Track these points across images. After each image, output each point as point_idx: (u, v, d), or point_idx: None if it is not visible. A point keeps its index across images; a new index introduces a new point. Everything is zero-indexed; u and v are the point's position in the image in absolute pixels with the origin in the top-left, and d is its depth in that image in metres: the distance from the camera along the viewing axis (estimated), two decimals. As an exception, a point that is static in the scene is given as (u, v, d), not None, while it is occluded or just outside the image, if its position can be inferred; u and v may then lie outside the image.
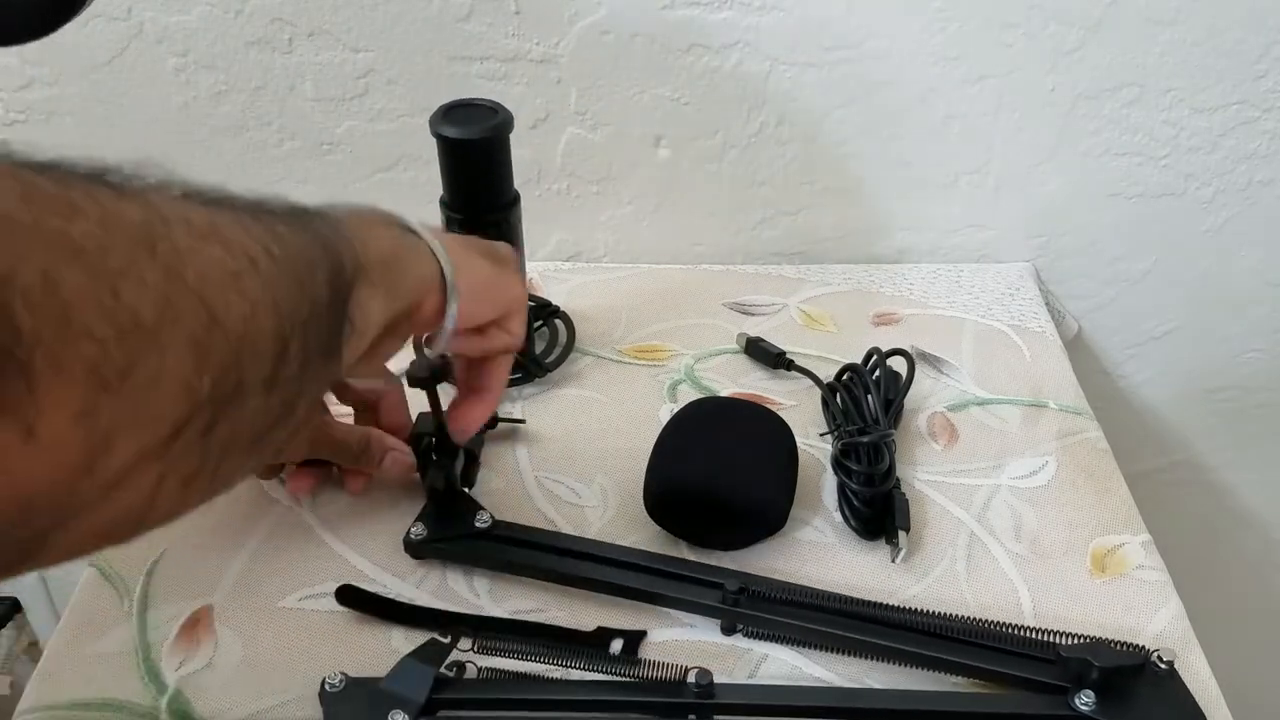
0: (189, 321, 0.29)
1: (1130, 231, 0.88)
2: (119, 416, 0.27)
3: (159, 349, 0.28)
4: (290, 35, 0.77)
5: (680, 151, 0.83)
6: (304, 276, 0.36)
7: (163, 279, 0.29)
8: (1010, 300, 0.85)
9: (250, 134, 0.82)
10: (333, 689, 0.52)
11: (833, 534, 0.64)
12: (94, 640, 0.58)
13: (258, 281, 0.33)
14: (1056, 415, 0.74)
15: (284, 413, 0.35)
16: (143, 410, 0.28)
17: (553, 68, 0.79)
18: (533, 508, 0.65)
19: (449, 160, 0.66)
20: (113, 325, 0.27)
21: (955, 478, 0.68)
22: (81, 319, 0.26)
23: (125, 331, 0.27)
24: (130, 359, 0.27)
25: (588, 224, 0.88)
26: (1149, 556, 0.64)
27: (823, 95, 0.80)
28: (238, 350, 0.31)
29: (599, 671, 0.54)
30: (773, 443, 0.64)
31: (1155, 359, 0.95)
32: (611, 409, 0.73)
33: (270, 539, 0.63)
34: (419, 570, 0.61)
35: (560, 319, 0.79)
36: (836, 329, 0.81)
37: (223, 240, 0.32)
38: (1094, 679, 0.52)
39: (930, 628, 0.56)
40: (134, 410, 0.28)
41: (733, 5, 0.76)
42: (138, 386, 0.27)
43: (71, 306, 0.26)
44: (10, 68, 0.78)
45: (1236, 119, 0.81)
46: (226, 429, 0.31)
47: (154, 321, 0.28)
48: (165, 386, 0.28)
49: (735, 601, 0.57)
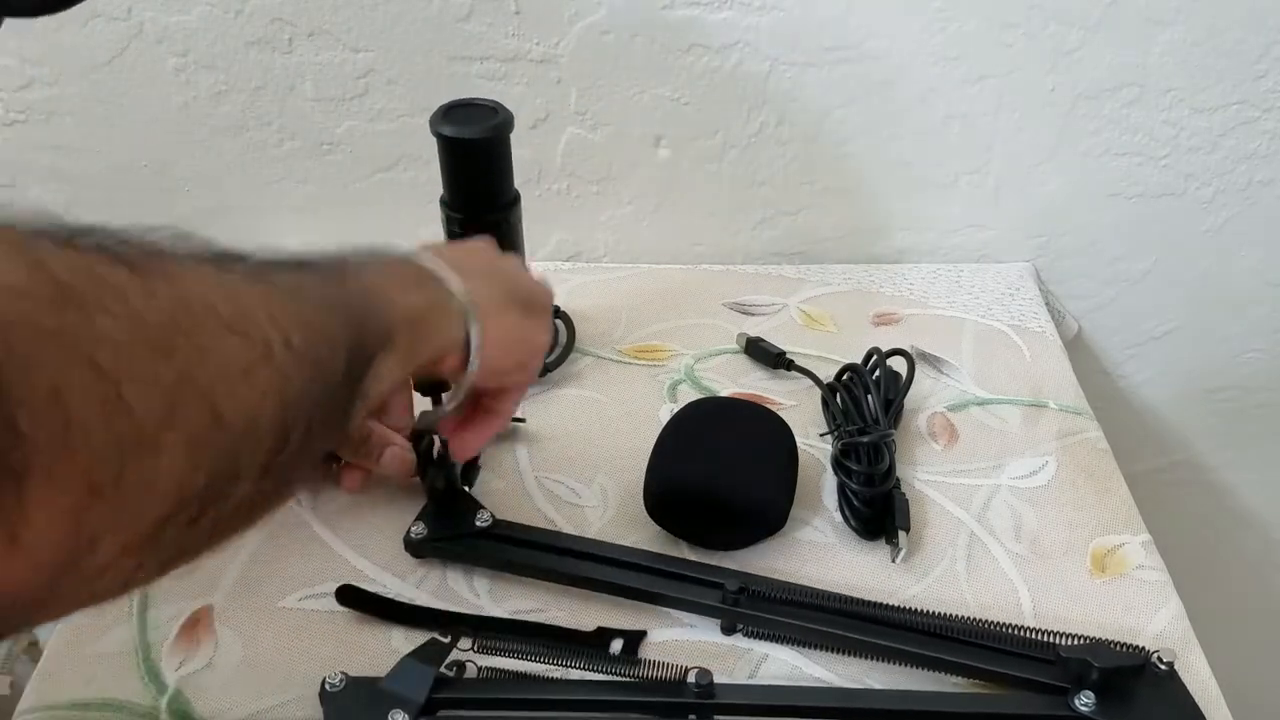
0: (192, 422, 0.28)
1: (1130, 231, 0.88)
2: (106, 520, 0.26)
3: (155, 452, 0.27)
4: (290, 35, 0.77)
5: (680, 151, 0.83)
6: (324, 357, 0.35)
7: (174, 382, 0.28)
8: (1010, 300, 0.85)
9: (250, 134, 0.82)
10: (333, 688, 0.52)
11: (833, 534, 0.64)
12: (94, 640, 0.57)
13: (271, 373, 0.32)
14: (1056, 415, 0.74)
15: (275, 494, 0.34)
16: (131, 512, 0.27)
17: (553, 68, 0.79)
18: (533, 507, 0.65)
19: (450, 160, 0.66)
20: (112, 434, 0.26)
21: (955, 478, 0.68)
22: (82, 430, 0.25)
23: (124, 440, 0.26)
24: (124, 464, 0.26)
25: (588, 224, 0.88)
26: (1149, 556, 0.64)
27: (823, 95, 0.80)
28: (236, 445, 0.30)
29: (599, 671, 0.54)
30: (773, 443, 0.64)
31: (1155, 359, 0.95)
32: (611, 409, 0.73)
33: (270, 539, 0.63)
34: (419, 570, 0.61)
35: (561, 319, 0.79)
36: (836, 329, 0.81)
37: (243, 331, 0.31)
38: (1094, 680, 0.52)
39: (931, 628, 0.56)
40: (122, 513, 0.27)
41: (733, 5, 0.76)
42: (129, 490, 0.27)
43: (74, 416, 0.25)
44: (10, 68, 0.78)
45: (1236, 119, 0.81)
46: (211, 518, 0.31)
47: (155, 426, 0.27)
48: (158, 488, 0.28)
49: (735, 601, 0.57)
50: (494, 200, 0.68)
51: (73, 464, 0.25)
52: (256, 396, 0.31)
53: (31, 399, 0.24)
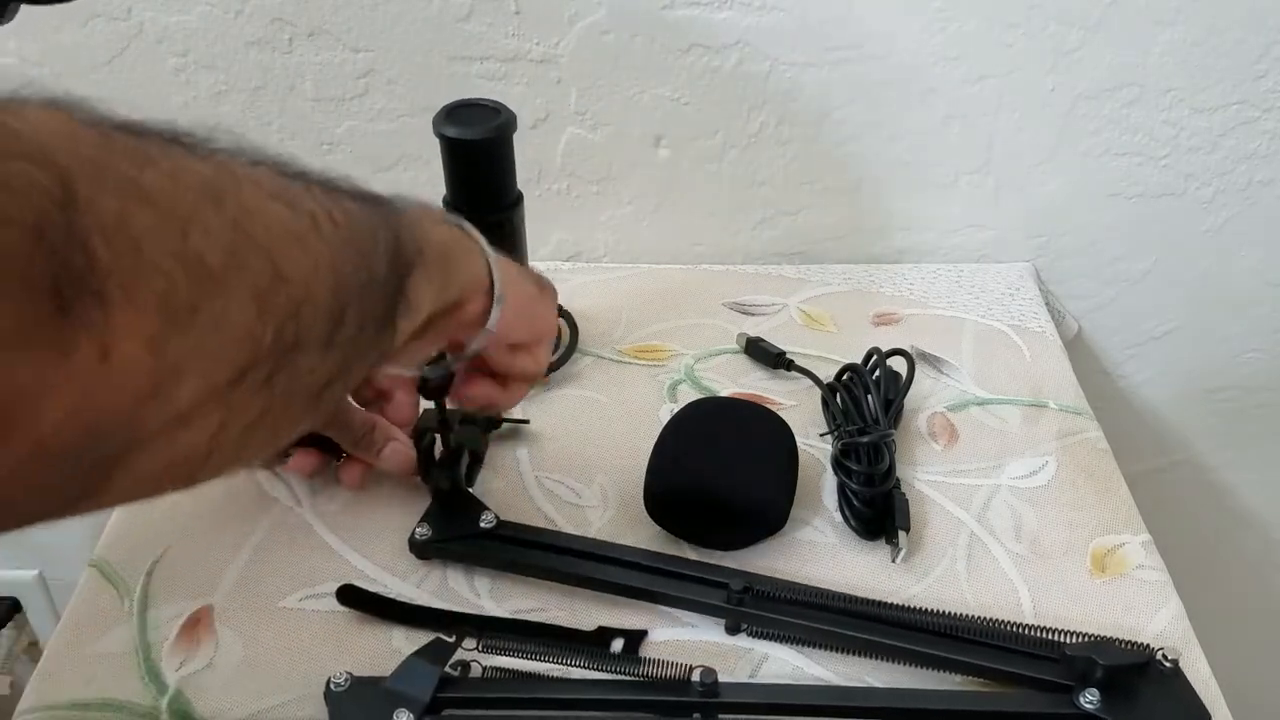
0: (253, 272, 0.31)
1: (1130, 231, 0.88)
2: (186, 351, 0.29)
3: (224, 294, 0.30)
4: (290, 35, 0.77)
5: (680, 151, 0.83)
6: (366, 247, 0.38)
7: (229, 229, 0.30)
8: (1010, 300, 0.85)
9: (250, 134, 0.81)
10: (338, 688, 0.52)
11: (833, 534, 0.64)
12: (94, 640, 0.57)
13: (321, 242, 0.35)
14: (1056, 415, 0.74)
15: (339, 373, 0.37)
16: (209, 349, 0.30)
17: (553, 68, 0.79)
18: (533, 507, 0.65)
19: (452, 161, 0.66)
20: (181, 264, 0.28)
21: (955, 478, 0.68)
22: (152, 255, 0.27)
23: (192, 272, 0.29)
24: (196, 299, 0.29)
25: (588, 224, 0.88)
26: (1149, 556, 0.64)
27: (823, 95, 0.80)
28: (299, 305, 0.33)
29: (603, 671, 0.54)
30: (773, 443, 0.64)
31: (1155, 359, 0.95)
32: (612, 409, 0.73)
33: (270, 539, 0.63)
34: (420, 570, 0.61)
35: (564, 318, 0.79)
36: (836, 329, 0.81)
37: (288, 201, 0.34)
38: (1099, 677, 0.52)
39: (935, 627, 0.56)
40: (200, 348, 0.29)
41: (733, 5, 0.76)
42: (204, 326, 0.29)
43: (143, 242, 0.27)
44: (10, 68, 0.78)
45: (1236, 119, 0.81)
46: (285, 381, 0.33)
47: (220, 267, 0.29)
48: (230, 330, 0.30)
49: (740, 601, 0.57)
50: (497, 201, 0.68)
51: (149, 289, 0.27)
52: (310, 262, 0.34)
53: (101, 224, 0.26)
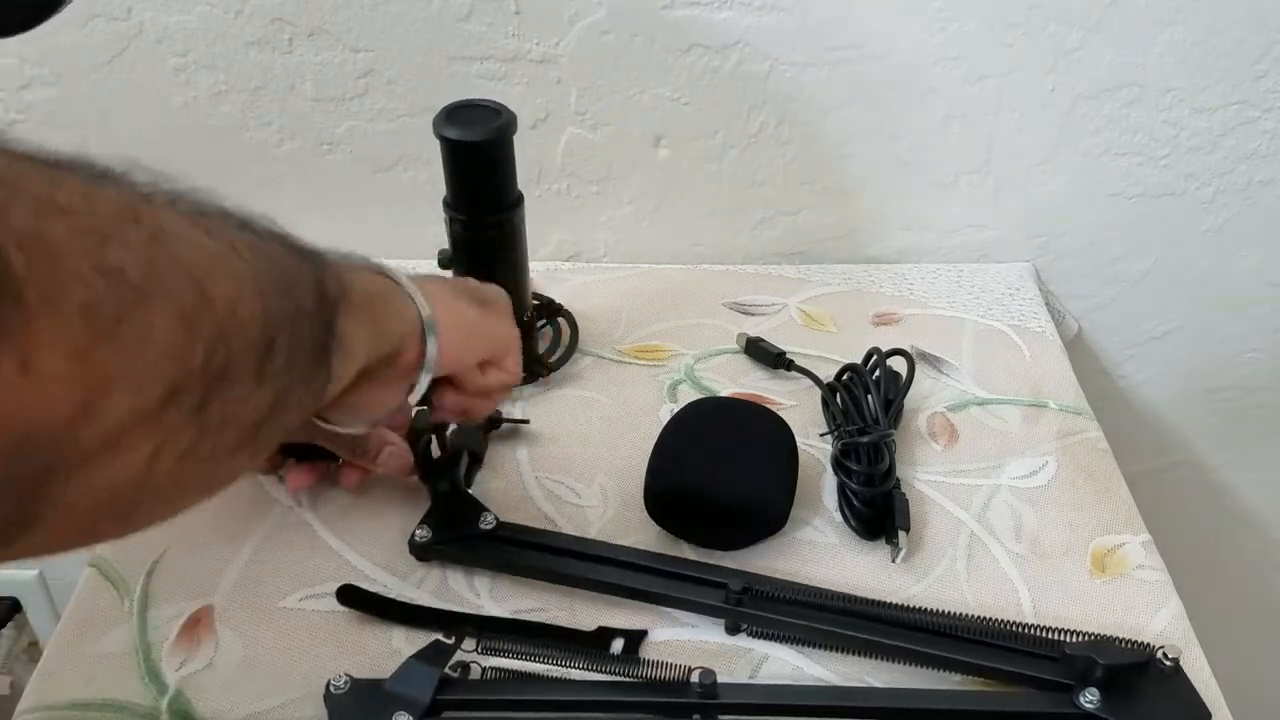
0: (176, 290, 0.30)
1: (1130, 231, 0.88)
2: (114, 364, 0.28)
3: (148, 307, 0.29)
4: (290, 35, 0.77)
5: (680, 151, 0.83)
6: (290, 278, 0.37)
7: (147, 244, 0.30)
8: (1010, 300, 0.85)
9: (250, 134, 0.82)
10: (337, 690, 0.52)
11: (833, 534, 0.64)
12: (94, 640, 0.57)
13: (243, 265, 0.34)
14: (1056, 415, 0.74)
15: (273, 408, 0.36)
16: (136, 364, 0.29)
17: (553, 68, 0.79)
18: (533, 508, 0.65)
19: (452, 162, 0.66)
20: (101, 275, 0.28)
21: (955, 478, 0.68)
22: (70, 264, 0.27)
23: (114, 283, 0.28)
24: (120, 310, 0.28)
25: (588, 224, 0.88)
26: (1149, 556, 0.64)
27: (823, 95, 0.80)
28: (225, 329, 0.32)
29: (602, 672, 0.54)
30: (773, 443, 0.64)
31: (1155, 359, 0.95)
32: (612, 409, 0.73)
33: (270, 539, 0.63)
34: (419, 570, 0.61)
35: (564, 318, 0.79)
36: (836, 329, 0.81)
37: (206, 228, 0.33)
38: (1099, 676, 0.52)
39: (935, 626, 0.56)
40: (128, 361, 0.29)
41: (733, 5, 0.76)
42: (130, 339, 0.28)
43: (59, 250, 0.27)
44: (10, 68, 0.78)
45: (1236, 119, 0.81)
46: (218, 410, 0.32)
47: (142, 280, 0.29)
48: (156, 346, 0.29)
49: (739, 601, 0.57)
50: (497, 201, 0.67)
51: (69, 299, 0.27)
52: (234, 285, 0.33)
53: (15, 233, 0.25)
